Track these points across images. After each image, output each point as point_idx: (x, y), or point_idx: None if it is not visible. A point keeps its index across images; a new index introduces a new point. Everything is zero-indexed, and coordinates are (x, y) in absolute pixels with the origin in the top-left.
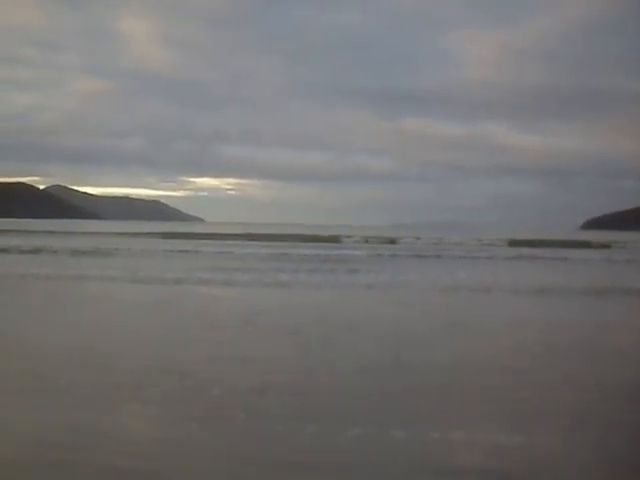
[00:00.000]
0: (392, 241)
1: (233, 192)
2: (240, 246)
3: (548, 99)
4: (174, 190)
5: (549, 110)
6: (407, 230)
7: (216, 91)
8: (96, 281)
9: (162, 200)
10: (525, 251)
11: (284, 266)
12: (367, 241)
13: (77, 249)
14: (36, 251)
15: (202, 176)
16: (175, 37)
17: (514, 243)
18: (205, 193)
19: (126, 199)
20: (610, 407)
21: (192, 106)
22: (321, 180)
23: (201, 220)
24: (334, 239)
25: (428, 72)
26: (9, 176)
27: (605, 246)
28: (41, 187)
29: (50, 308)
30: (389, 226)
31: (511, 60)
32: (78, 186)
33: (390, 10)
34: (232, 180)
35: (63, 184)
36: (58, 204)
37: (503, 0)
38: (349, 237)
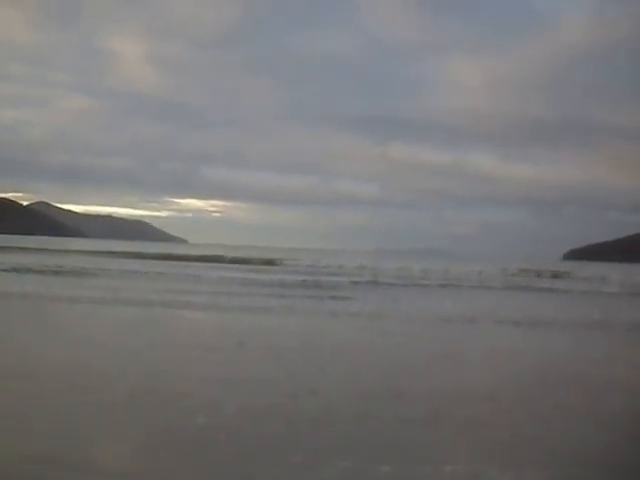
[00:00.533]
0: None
1: (218, 214)
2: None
3: (537, 129)
4: (158, 210)
5: (538, 140)
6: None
7: (204, 112)
8: (79, 302)
9: (146, 220)
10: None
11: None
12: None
13: (53, 268)
14: (17, 269)
15: (187, 197)
16: (165, 58)
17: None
18: (189, 214)
19: (109, 218)
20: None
21: (179, 127)
22: (306, 204)
23: (184, 241)
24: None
25: (417, 99)
26: None
27: (555, 276)
28: (24, 203)
29: (34, 329)
30: (373, 251)
31: (501, 89)
32: (62, 203)
33: (381, 36)
34: (217, 202)
35: (47, 201)
36: (41, 221)
37: (493, 29)
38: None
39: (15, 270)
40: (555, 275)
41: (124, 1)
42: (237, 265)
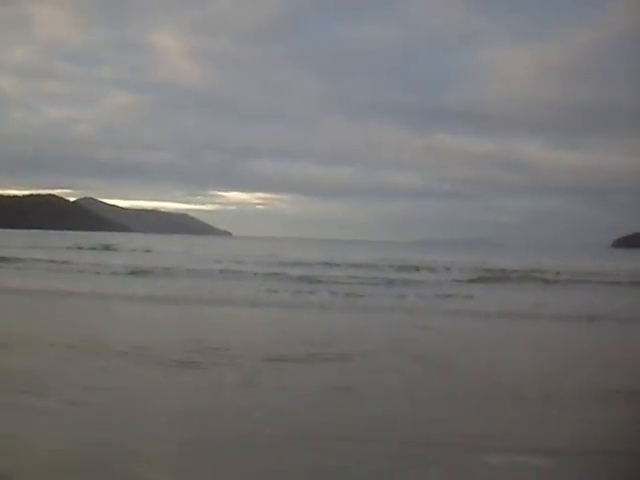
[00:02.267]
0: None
1: (262, 206)
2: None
3: (584, 116)
4: (203, 204)
5: (585, 127)
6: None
7: (247, 105)
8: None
9: (190, 214)
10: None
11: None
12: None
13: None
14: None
15: (231, 190)
16: (207, 51)
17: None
18: (234, 207)
19: (155, 212)
20: None
21: (223, 120)
22: (350, 195)
23: (229, 234)
24: None
25: (461, 88)
26: (41, 188)
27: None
28: (71, 199)
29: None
30: (416, 242)
31: (546, 76)
32: (108, 199)
33: (424, 25)
34: (261, 194)
35: (93, 196)
36: (88, 216)
37: (538, 16)
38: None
39: (134, 273)
40: None
41: None
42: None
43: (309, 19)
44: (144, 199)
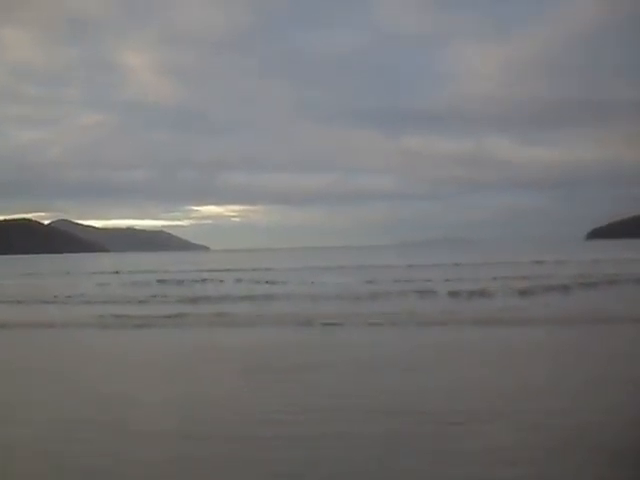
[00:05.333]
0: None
1: (237, 219)
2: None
3: (551, 111)
4: (178, 219)
5: (553, 122)
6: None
7: (217, 118)
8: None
9: (166, 230)
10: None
11: None
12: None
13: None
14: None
15: (206, 204)
16: (175, 66)
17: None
18: (209, 221)
19: (131, 230)
20: None
21: (194, 134)
22: (326, 202)
23: (206, 248)
24: None
25: (430, 89)
26: (14, 213)
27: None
28: (46, 222)
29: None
30: (397, 244)
31: (513, 73)
32: (83, 220)
33: (391, 29)
34: (236, 207)
35: (68, 218)
36: (63, 238)
37: (502, 13)
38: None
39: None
40: None
41: (132, 14)
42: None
43: (277, 27)
44: (119, 218)
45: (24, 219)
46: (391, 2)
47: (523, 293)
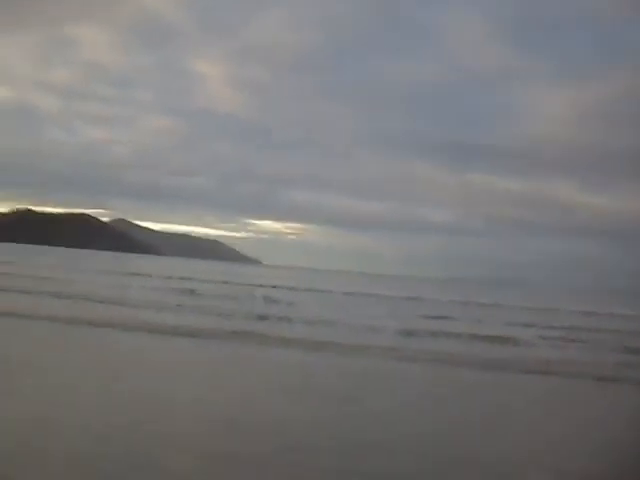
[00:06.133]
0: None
1: (294, 236)
2: None
3: (619, 160)
4: (234, 231)
5: (620, 171)
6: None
7: (284, 135)
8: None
9: (221, 240)
10: None
11: None
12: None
13: None
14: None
15: (263, 219)
16: (246, 80)
17: None
18: (265, 236)
19: (186, 236)
20: None
21: (258, 148)
22: (381, 229)
23: (259, 262)
24: None
25: (498, 127)
26: (75, 207)
27: None
28: (104, 219)
29: None
30: (447, 279)
31: (582, 119)
32: (141, 221)
33: (462, 64)
34: (293, 224)
35: (126, 218)
36: (120, 237)
37: (577, 56)
38: None
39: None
40: None
41: (209, 26)
42: None
43: (347, 52)
44: (176, 223)
45: (83, 214)
46: (468, 36)
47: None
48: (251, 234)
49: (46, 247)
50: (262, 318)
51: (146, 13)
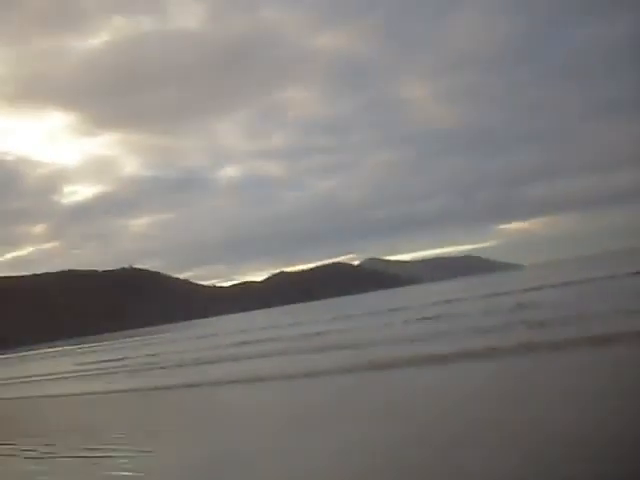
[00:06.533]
0: None
1: (545, 232)
2: None
3: None
4: (484, 241)
5: None
6: None
7: (506, 133)
8: None
9: (473, 253)
10: None
11: None
12: None
13: None
14: None
15: (508, 222)
16: (455, 91)
17: None
18: (516, 238)
19: (438, 259)
20: None
21: (485, 153)
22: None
23: (519, 266)
24: None
25: None
26: (325, 259)
27: None
28: (355, 263)
29: None
30: None
31: None
32: (391, 255)
33: None
34: (542, 220)
35: (376, 256)
36: (374, 276)
37: None
38: None
39: None
40: None
41: (403, 49)
42: None
43: (551, 33)
44: (425, 248)
45: (335, 263)
46: None
47: None
48: (500, 240)
49: (302, 305)
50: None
51: (342, 62)
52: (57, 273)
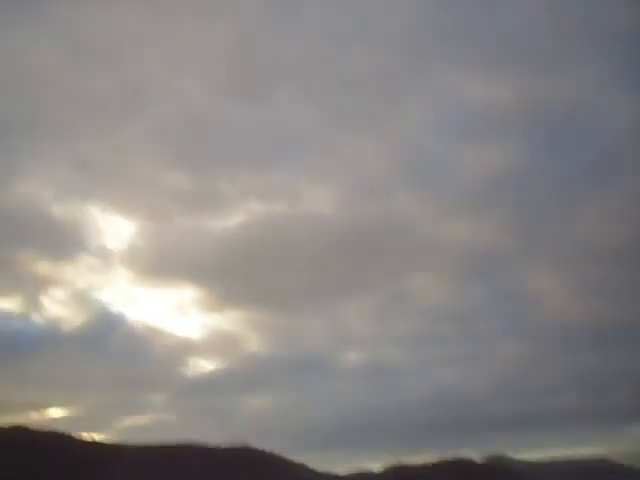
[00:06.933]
0: None
1: None
2: None
3: None
4: (617, 444)
5: None
6: None
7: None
8: None
9: (604, 457)
10: None
11: None
12: None
13: None
14: None
15: None
16: (582, 284)
17: None
18: None
19: (566, 461)
20: None
21: (618, 349)
22: None
23: None
24: None
25: None
26: (450, 450)
27: None
28: (478, 459)
29: None
30: None
31: None
32: (514, 453)
33: None
34: None
35: (500, 453)
36: (498, 476)
37: None
38: None
39: None
40: None
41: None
42: None
43: None
44: (551, 447)
45: (458, 459)
46: None
47: None
48: (638, 443)
49: None
50: None
51: (467, 251)
52: (170, 446)
